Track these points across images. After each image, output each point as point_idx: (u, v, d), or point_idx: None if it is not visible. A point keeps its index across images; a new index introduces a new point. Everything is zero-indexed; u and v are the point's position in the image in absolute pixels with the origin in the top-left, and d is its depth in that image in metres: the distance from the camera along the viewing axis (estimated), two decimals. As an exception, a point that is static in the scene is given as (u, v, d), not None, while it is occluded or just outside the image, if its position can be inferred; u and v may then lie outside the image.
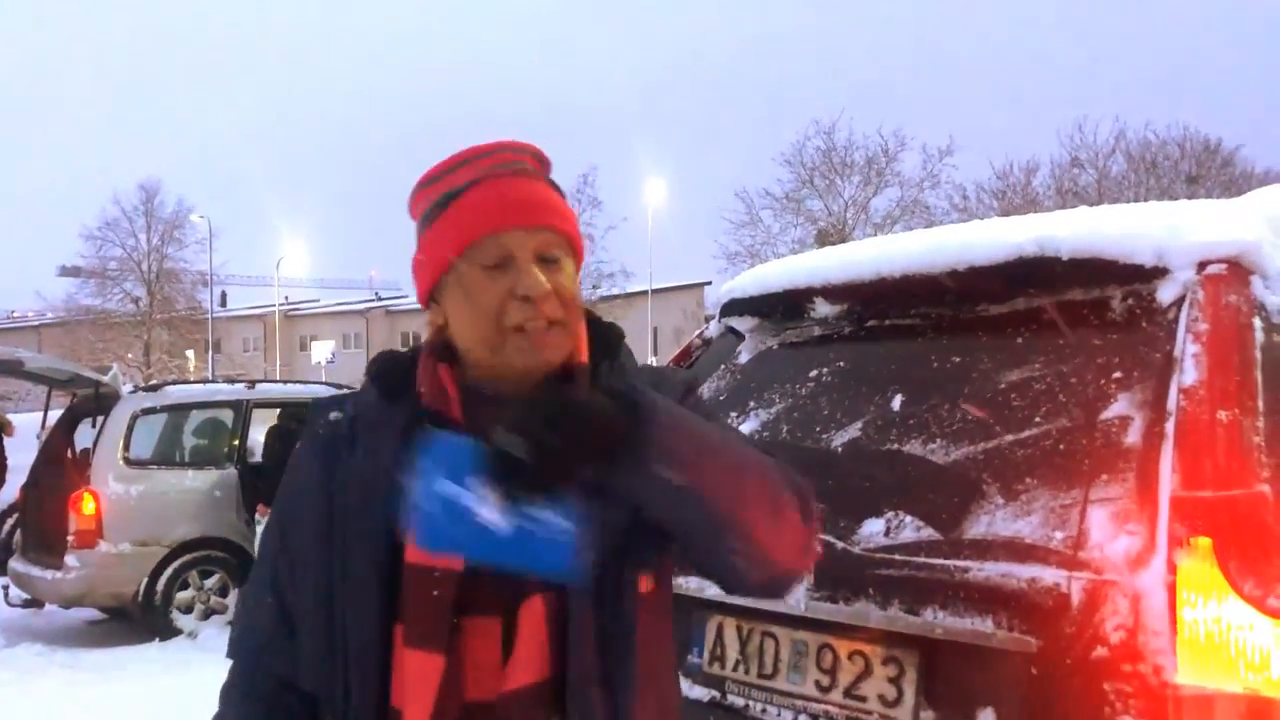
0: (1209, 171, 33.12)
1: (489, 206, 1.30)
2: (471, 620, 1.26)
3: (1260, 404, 1.73)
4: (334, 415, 1.40)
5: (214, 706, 1.41)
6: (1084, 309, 2.01)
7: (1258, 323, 1.85)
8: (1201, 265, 1.91)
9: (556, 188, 1.38)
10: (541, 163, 1.40)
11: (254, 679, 1.38)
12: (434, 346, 1.38)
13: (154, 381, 16.51)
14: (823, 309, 2.46)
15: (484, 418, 1.30)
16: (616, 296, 33.67)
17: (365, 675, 1.28)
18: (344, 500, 1.33)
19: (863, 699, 1.98)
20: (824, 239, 30.91)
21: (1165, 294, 1.92)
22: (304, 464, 1.40)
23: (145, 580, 7.92)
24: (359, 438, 1.35)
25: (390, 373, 1.39)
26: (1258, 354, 1.80)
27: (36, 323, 50.60)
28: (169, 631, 7.96)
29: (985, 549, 1.84)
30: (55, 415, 9.54)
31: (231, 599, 8.26)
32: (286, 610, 1.36)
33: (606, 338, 1.40)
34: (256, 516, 7.98)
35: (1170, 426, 1.74)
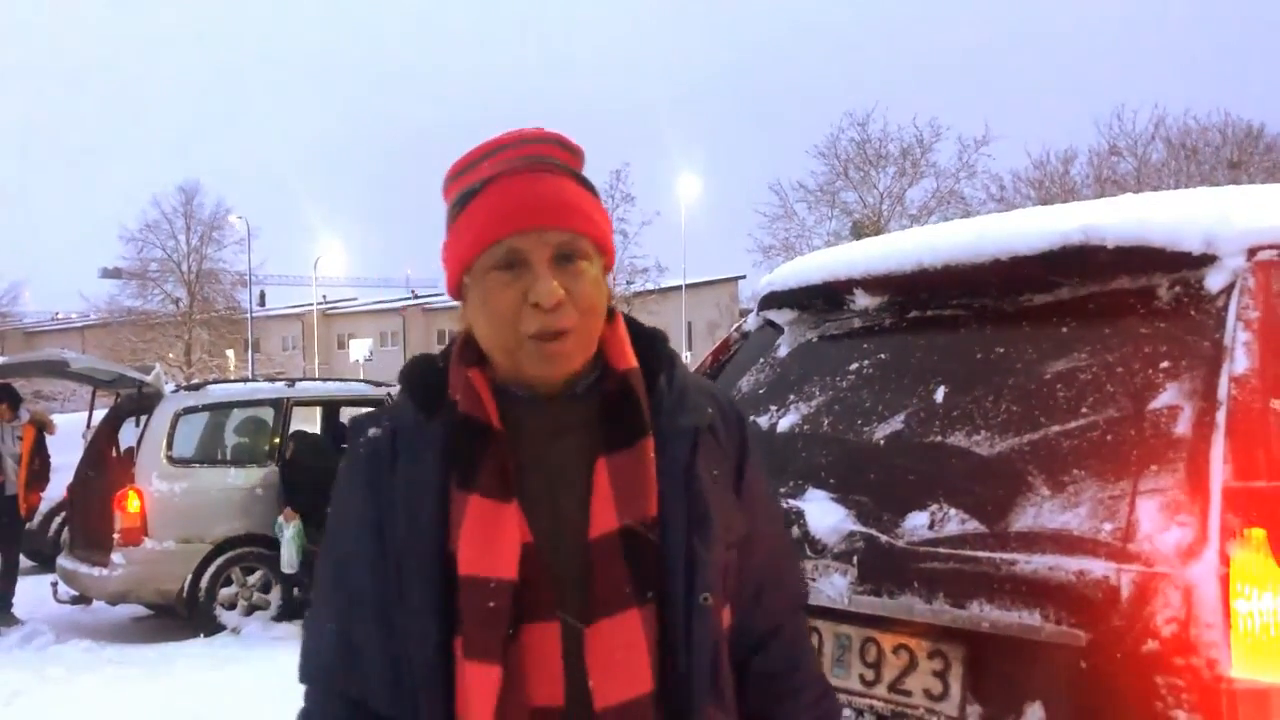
0: (1251, 157, 32.56)
1: (502, 208, 1.26)
2: (530, 627, 1.25)
3: (1314, 392, 1.70)
4: (373, 433, 1.36)
5: (257, 700, 1.40)
6: (1131, 297, 1.98)
7: (1310, 310, 1.81)
8: (1252, 252, 1.88)
9: (583, 181, 1.33)
10: (569, 151, 1.34)
11: (328, 704, 1.36)
12: (462, 350, 1.35)
13: (195, 381, 16.69)
14: (863, 301, 2.44)
15: (522, 420, 1.31)
16: (651, 291, 33.62)
17: (432, 693, 1.26)
18: (392, 520, 1.30)
19: (908, 693, 1.96)
20: (859, 231, 30.73)
21: (1214, 281, 1.89)
22: (347, 490, 1.37)
23: (189, 577, 8.05)
24: (400, 453, 1.32)
25: (424, 382, 1.36)
26: (1311, 341, 1.77)
27: (80, 324, 51.32)
28: (213, 627, 8.07)
29: (1032, 541, 1.81)
30: (100, 415, 9.68)
31: (274, 595, 8.35)
32: (347, 638, 1.34)
33: (653, 344, 1.37)
34: (281, 521, 8.00)
35: (1221, 416, 1.71)
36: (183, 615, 8.17)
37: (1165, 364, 1.86)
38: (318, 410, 9.42)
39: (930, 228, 2.58)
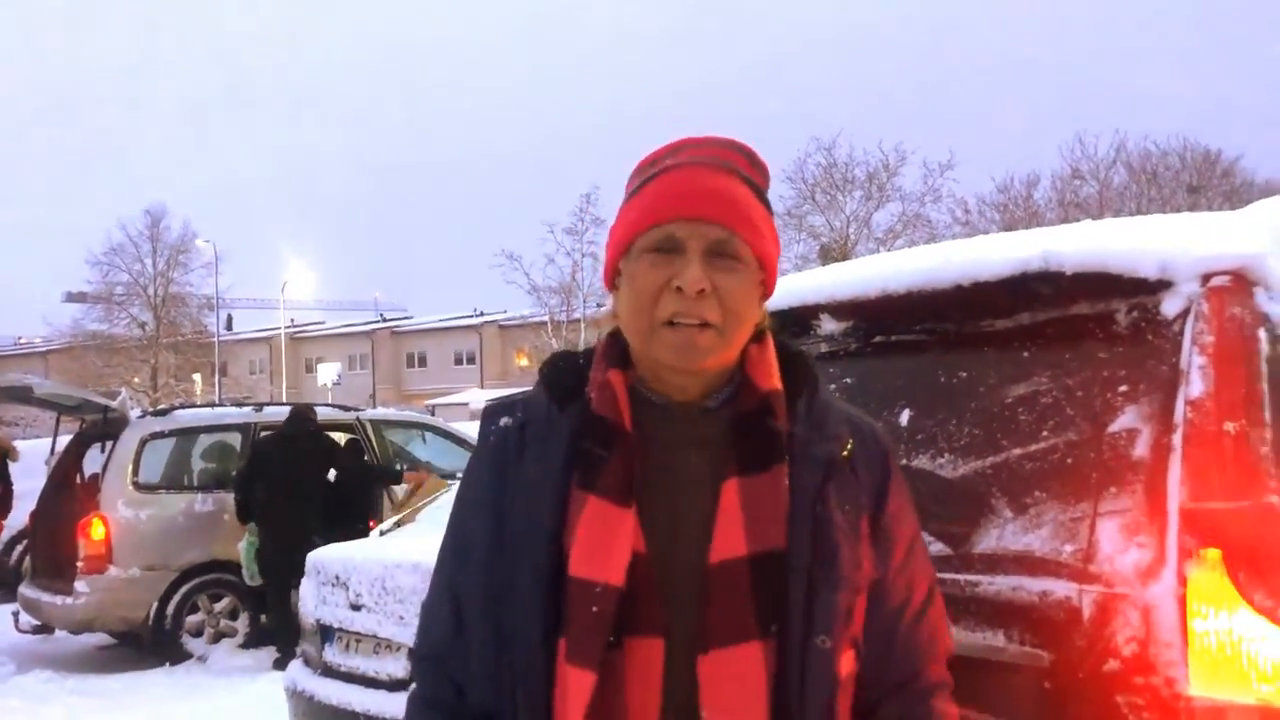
0: (1210, 182, 33.16)
1: (668, 194, 1.25)
2: (634, 640, 1.22)
3: (1267, 415, 1.74)
4: (504, 421, 1.34)
5: None
6: (1090, 322, 2.02)
7: (1263, 334, 1.85)
8: (1206, 278, 1.92)
9: (758, 192, 1.30)
10: (753, 164, 1.32)
11: (436, 687, 1.35)
12: (606, 349, 1.33)
13: (162, 406, 16.53)
14: (829, 325, 2.47)
15: (650, 438, 1.28)
16: (607, 318, 33.60)
17: (531, 691, 1.24)
18: (513, 510, 1.29)
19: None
20: (827, 254, 30.95)
21: (1170, 307, 1.93)
22: (475, 475, 1.37)
23: (155, 605, 7.95)
24: (529, 445, 1.31)
25: (562, 375, 1.34)
26: (1263, 365, 1.81)
27: (44, 349, 50.79)
28: (179, 656, 7.97)
29: (996, 563, 1.84)
30: (64, 441, 9.56)
31: (241, 622, 8.27)
32: (460, 622, 1.33)
33: (796, 365, 1.33)
34: (250, 539, 7.92)
35: (1178, 438, 1.75)
36: (148, 644, 8.07)
37: (1124, 387, 1.90)
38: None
39: (895, 254, 2.62)
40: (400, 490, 8.43)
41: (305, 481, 7.88)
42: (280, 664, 7.63)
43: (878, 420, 2.24)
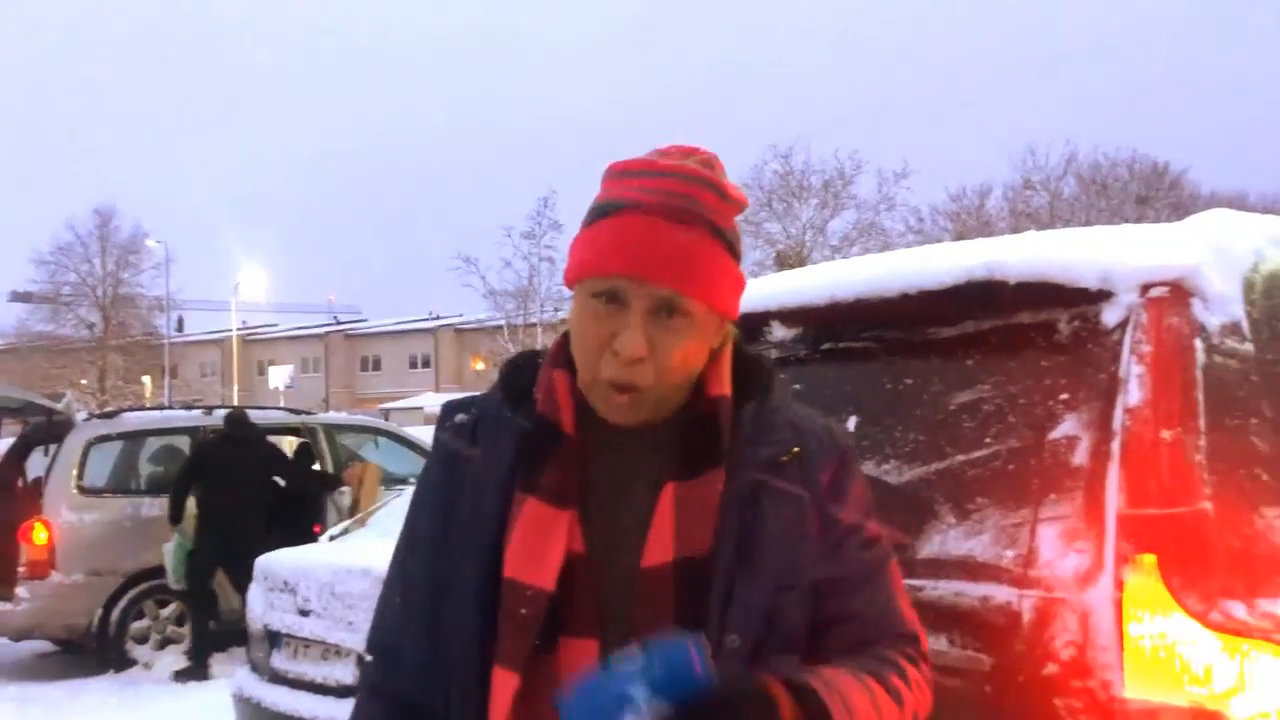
0: (1158, 193, 33.79)
1: (622, 242, 1.22)
2: (569, 641, 1.23)
3: (1201, 423, 1.78)
4: (460, 418, 1.35)
5: None
6: (1033, 331, 2.05)
7: (1199, 344, 1.89)
8: (1145, 288, 1.96)
9: (721, 235, 1.26)
10: (722, 198, 1.27)
11: (384, 676, 1.35)
12: (558, 350, 1.33)
13: (109, 408, 16.27)
14: (779, 332, 2.49)
15: (596, 441, 1.28)
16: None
17: (464, 690, 1.25)
18: (459, 507, 1.30)
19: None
20: (783, 261, 31.17)
21: (1110, 316, 1.97)
22: (429, 472, 1.38)
23: (99, 611, 7.80)
24: (480, 444, 1.31)
25: (520, 375, 1.34)
26: (1199, 374, 1.85)
27: (-13, 349, 49.74)
28: (124, 663, 7.84)
29: (938, 568, 1.87)
30: (6, 444, 9.38)
31: (187, 629, 8.15)
32: (408, 614, 1.34)
33: (754, 374, 1.33)
34: (179, 540, 7.76)
35: (1116, 446, 1.78)
36: (92, 651, 7.93)
37: (1065, 396, 1.93)
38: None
39: (844, 262, 2.65)
40: (345, 497, 8.29)
41: (245, 487, 7.74)
42: (184, 675, 7.50)
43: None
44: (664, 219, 1.23)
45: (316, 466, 8.74)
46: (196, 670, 7.52)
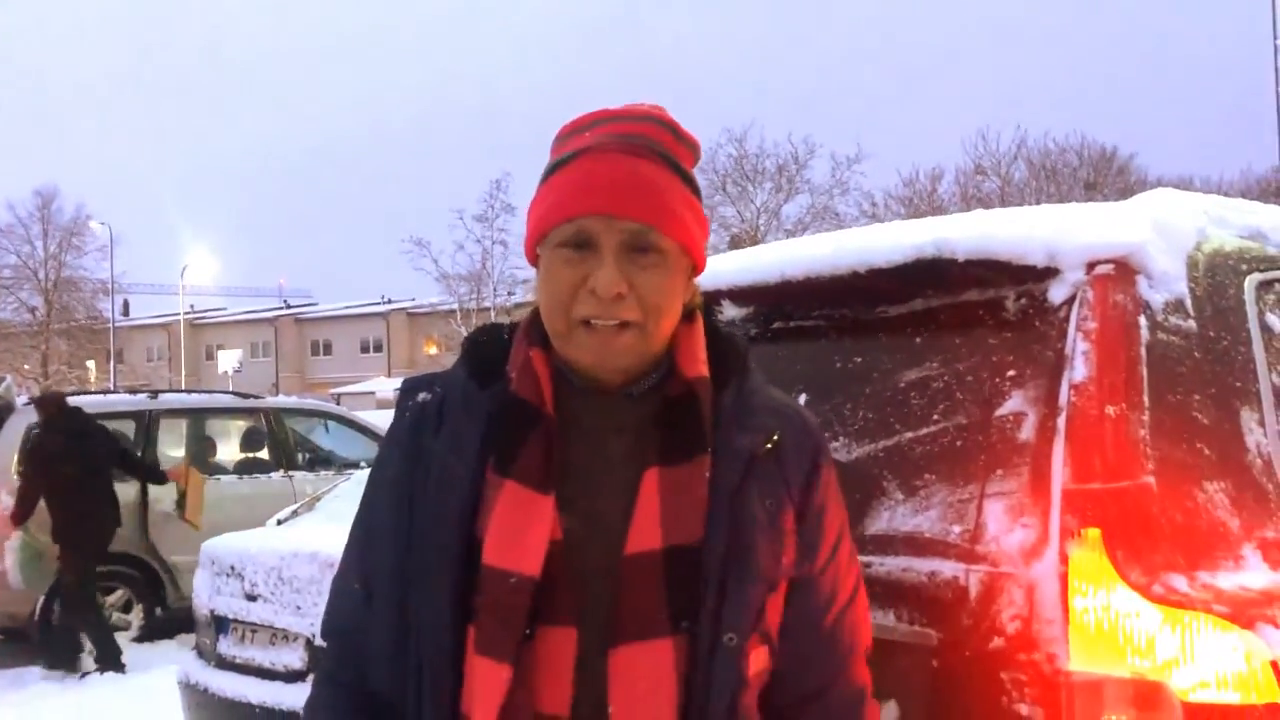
0: (1106, 178, 34.28)
1: (579, 186, 1.19)
2: (546, 630, 1.18)
3: (1146, 399, 1.79)
4: (422, 397, 1.29)
5: None
6: (980, 309, 2.06)
7: (1143, 321, 1.91)
8: (1090, 265, 1.97)
9: (680, 172, 1.24)
10: (677, 139, 1.25)
11: (340, 664, 1.31)
12: (530, 327, 1.28)
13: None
14: (730, 311, 2.49)
15: (571, 423, 1.23)
16: (531, 303, 33.57)
17: (437, 678, 1.20)
18: (424, 493, 1.23)
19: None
20: (737, 245, 31.23)
21: (1056, 294, 1.98)
22: (388, 453, 1.31)
23: (42, 598, 7.66)
24: (445, 423, 1.25)
25: (485, 351, 1.29)
26: (1143, 351, 1.86)
27: (-75, 333, 48.59)
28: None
29: (886, 544, 1.87)
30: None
31: (134, 616, 8.03)
32: (370, 600, 1.29)
33: (730, 352, 1.29)
34: (25, 539, 7.34)
35: (1061, 422, 1.79)
36: (35, 639, 7.78)
37: (1012, 372, 1.94)
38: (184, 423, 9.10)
39: (794, 240, 2.65)
40: (167, 497, 7.97)
41: (83, 479, 7.25)
42: (99, 670, 7.18)
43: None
44: (623, 154, 1.20)
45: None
46: (109, 664, 7.22)
